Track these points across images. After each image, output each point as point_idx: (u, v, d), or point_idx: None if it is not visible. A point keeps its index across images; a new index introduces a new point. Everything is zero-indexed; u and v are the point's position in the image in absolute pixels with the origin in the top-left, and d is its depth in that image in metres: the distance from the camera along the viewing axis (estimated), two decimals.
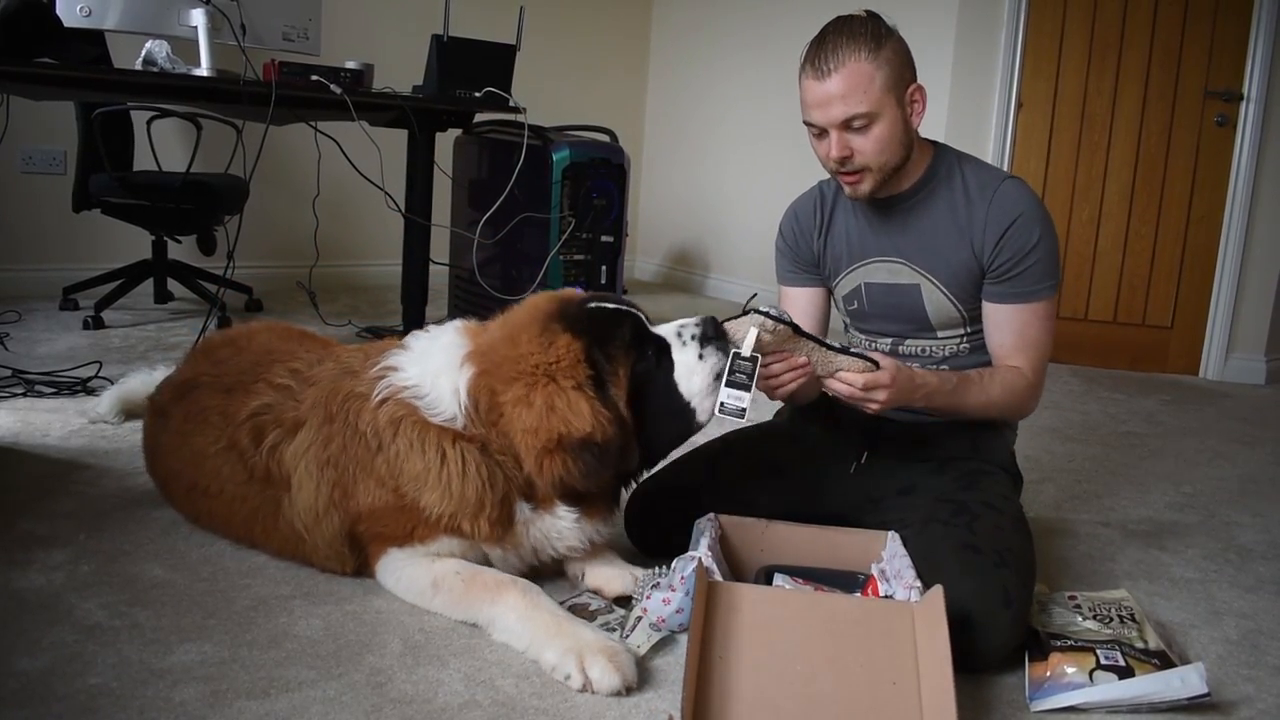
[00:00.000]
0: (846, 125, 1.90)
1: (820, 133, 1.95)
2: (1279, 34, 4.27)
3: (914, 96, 1.95)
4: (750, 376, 1.77)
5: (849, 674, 1.53)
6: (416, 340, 1.95)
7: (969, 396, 1.96)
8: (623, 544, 2.08)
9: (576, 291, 1.94)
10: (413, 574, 1.83)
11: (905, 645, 1.56)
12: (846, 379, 1.82)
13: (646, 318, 1.89)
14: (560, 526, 1.85)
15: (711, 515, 1.95)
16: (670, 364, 1.83)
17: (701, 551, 1.81)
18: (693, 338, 1.84)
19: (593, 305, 1.85)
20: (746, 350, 1.78)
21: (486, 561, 1.87)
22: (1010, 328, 2.01)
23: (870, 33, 1.89)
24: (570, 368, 1.75)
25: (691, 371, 1.82)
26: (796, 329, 1.81)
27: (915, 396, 1.88)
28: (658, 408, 1.83)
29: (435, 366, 1.85)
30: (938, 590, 1.58)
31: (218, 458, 1.98)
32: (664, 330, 1.87)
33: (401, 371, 1.87)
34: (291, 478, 1.88)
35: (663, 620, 1.74)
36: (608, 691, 1.57)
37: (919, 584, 1.70)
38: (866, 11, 1.96)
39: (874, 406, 1.83)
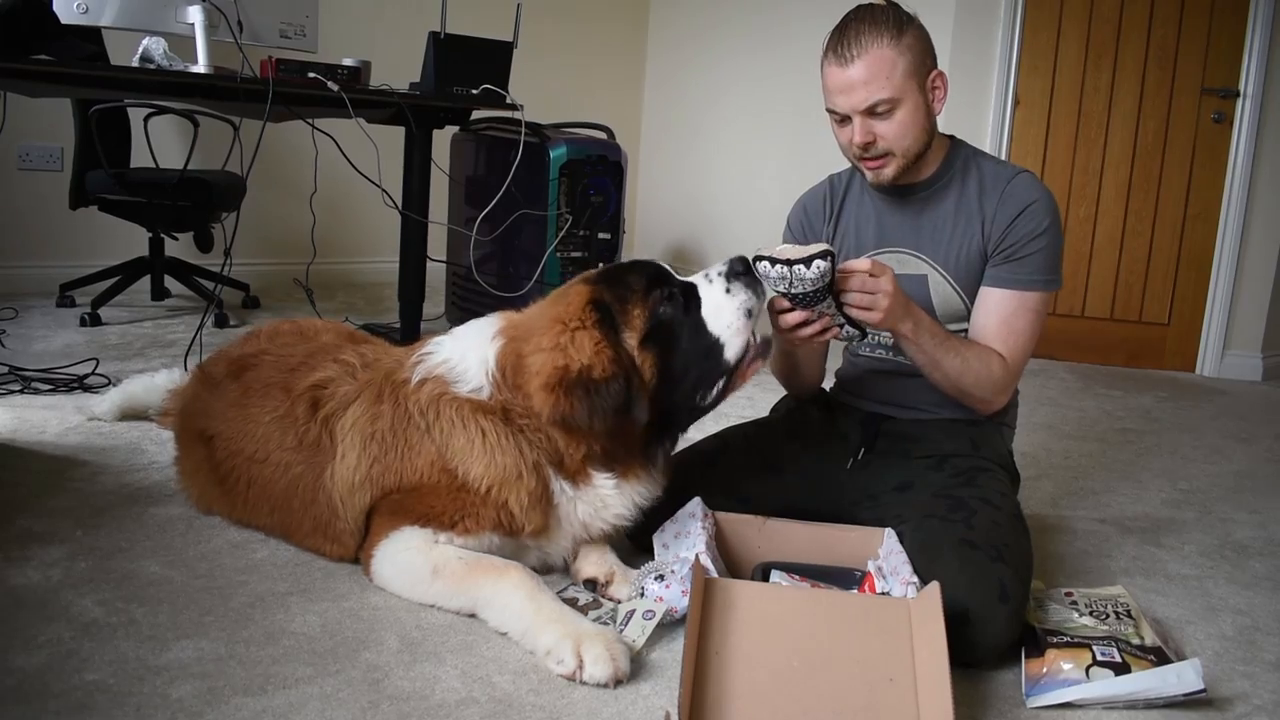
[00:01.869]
0: (870, 111, 1.92)
1: (843, 120, 1.97)
2: (1275, 31, 4.27)
3: (935, 83, 1.97)
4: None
5: (846, 670, 1.53)
6: (459, 327, 2.03)
7: (949, 353, 1.95)
8: (619, 540, 2.08)
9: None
10: (411, 560, 1.82)
11: (902, 641, 1.56)
12: (849, 267, 1.80)
13: (673, 269, 1.92)
14: (604, 495, 1.87)
15: (700, 503, 1.96)
16: (698, 304, 1.86)
17: (699, 549, 1.81)
18: (719, 274, 1.87)
19: (613, 266, 1.91)
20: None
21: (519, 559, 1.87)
22: (998, 312, 2.01)
23: (892, 20, 1.92)
24: (578, 311, 1.81)
25: (720, 307, 1.85)
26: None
27: (910, 316, 1.88)
28: (686, 347, 1.85)
29: (466, 344, 1.92)
30: (934, 586, 1.59)
31: (271, 425, 2.02)
32: (691, 277, 1.90)
33: (436, 353, 1.93)
34: (339, 446, 1.92)
35: (675, 611, 1.74)
36: (599, 680, 1.57)
37: (916, 580, 1.70)
38: (887, 1, 1.98)
39: (883, 304, 1.79)
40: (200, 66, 3.23)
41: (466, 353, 1.90)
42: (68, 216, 4.30)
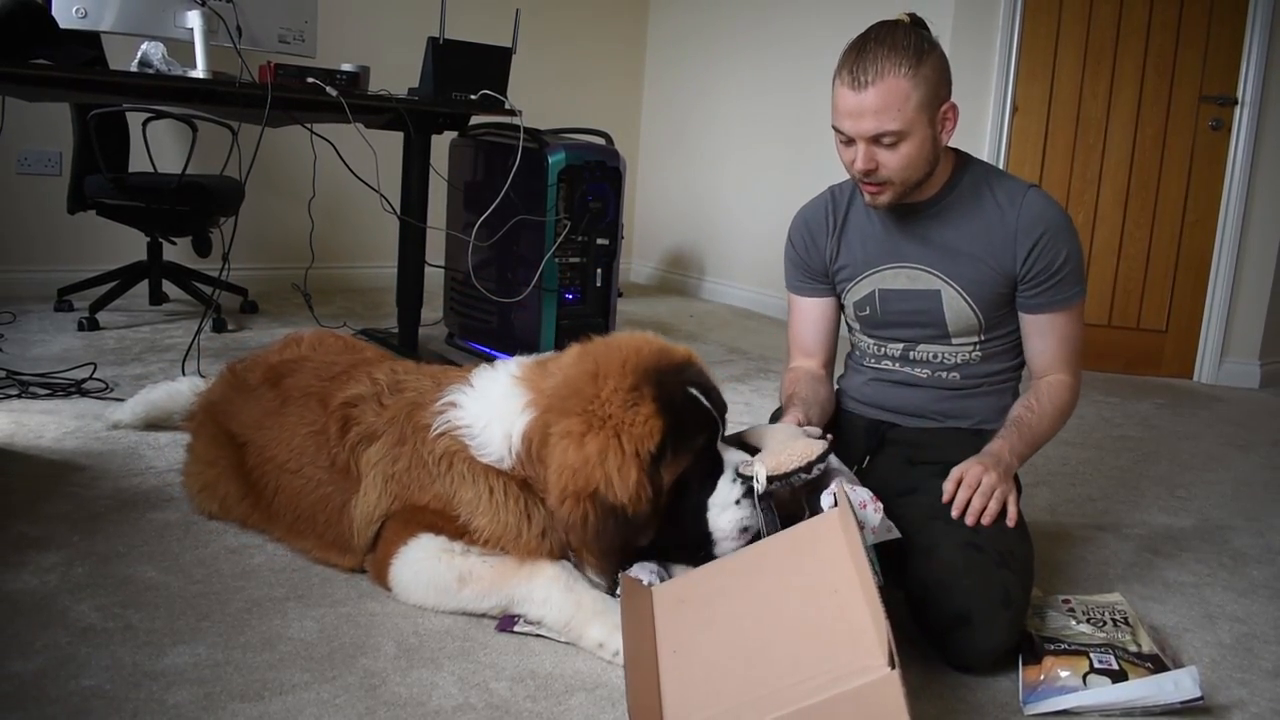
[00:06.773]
0: (875, 140, 1.88)
1: (848, 141, 1.93)
2: (1273, 39, 4.28)
3: (946, 115, 1.92)
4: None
5: (791, 601, 1.53)
6: (480, 379, 1.96)
7: (1039, 436, 2.00)
8: None
9: (675, 347, 1.88)
10: (435, 569, 1.81)
11: (838, 551, 1.55)
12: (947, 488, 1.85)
13: (724, 426, 1.88)
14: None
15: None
16: (713, 487, 1.82)
17: (637, 570, 1.81)
18: (744, 484, 1.81)
19: (691, 390, 1.81)
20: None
21: None
22: (1052, 335, 2.04)
23: (913, 46, 1.85)
24: (641, 438, 1.72)
25: (724, 508, 1.81)
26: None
27: (1004, 462, 1.90)
28: (678, 517, 1.81)
29: (491, 410, 1.87)
30: (839, 484, 1.66)
31: (307, 439, 2.02)
32: (727, 454, 1.84)
33: (461, 409, 1.90)
34: (363, 480, 1.92)
35: None
36: None
37: (839, 489, 1.69)
38: (910, 17, 1.93)
39: (988, 493, 1.84)
40: (199, 71, 3.24)
41: (491, 423, 1.85)
42: (66, 221, 4.30)
